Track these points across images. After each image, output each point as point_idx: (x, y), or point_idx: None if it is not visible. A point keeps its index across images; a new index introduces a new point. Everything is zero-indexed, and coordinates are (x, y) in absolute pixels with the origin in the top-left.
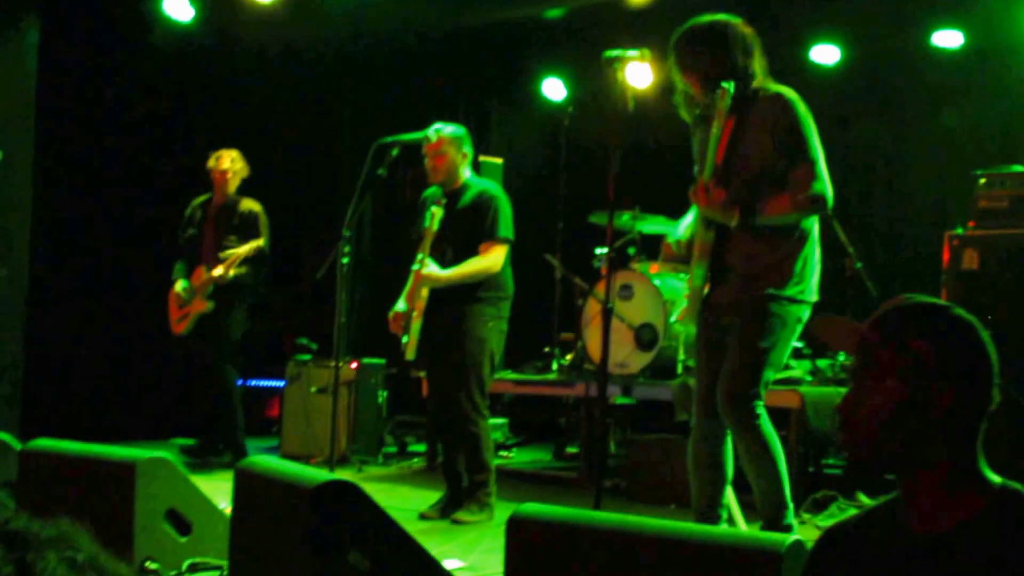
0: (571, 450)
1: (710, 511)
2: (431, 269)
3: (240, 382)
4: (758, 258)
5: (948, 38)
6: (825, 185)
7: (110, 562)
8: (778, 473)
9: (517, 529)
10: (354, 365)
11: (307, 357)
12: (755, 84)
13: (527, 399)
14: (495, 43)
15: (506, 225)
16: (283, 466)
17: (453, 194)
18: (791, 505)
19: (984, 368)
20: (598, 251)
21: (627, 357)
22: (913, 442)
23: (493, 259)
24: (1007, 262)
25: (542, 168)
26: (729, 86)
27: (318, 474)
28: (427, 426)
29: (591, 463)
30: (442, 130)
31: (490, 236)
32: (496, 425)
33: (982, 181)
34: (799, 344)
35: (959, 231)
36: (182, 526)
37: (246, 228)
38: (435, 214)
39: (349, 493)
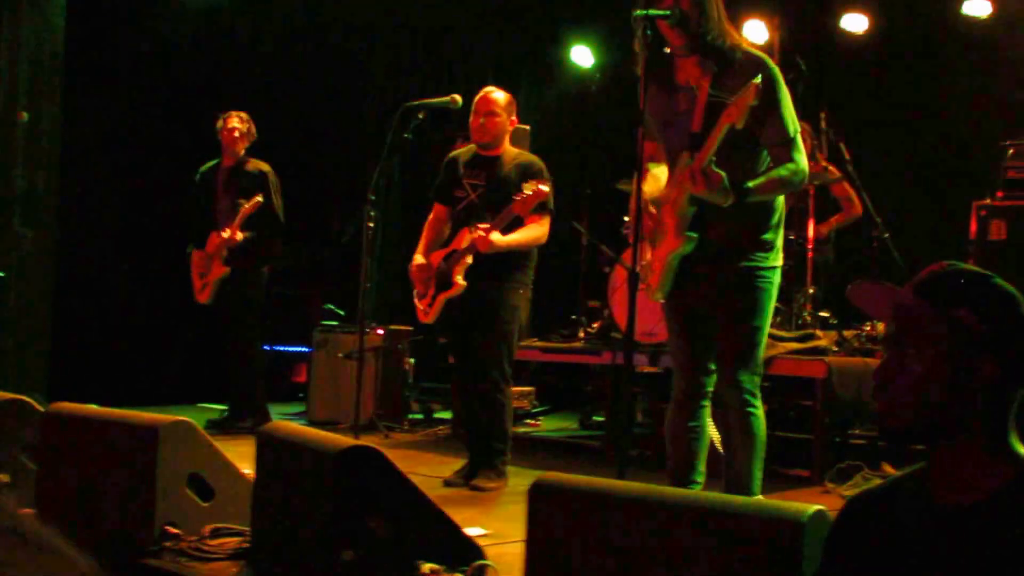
0: (597, 419)
1: (687, 477)
2: (497, 236)
3: (267, 348)
4: (739, 230)
5: (978, 7)
6: (804, 158)
7: (34, 525)
8: (756, 457)
9: (539, 496)
10: (381, 331)
11: (334, 323)
12: (730, 42)
13: (554, 367)
14: (524, 9)
15: (552, 198)
16: (306, 431)
17: (491, 160)
18: (758, 494)
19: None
20: (626, 218)
21: (655, 326)
22: (950, 412)
23: (544, 230)
24: None
25: (570, 134)
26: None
27: (341, 440)
28: (453, 393)
29: (616, 432)
30: (494, 92)
31: (542, 208)
32: (523, 393)
33: (1010, 152)
34: (825, 314)
35: (987, 201)
36: (205, 491)
37: (254, 189)
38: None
39: (372, 459)
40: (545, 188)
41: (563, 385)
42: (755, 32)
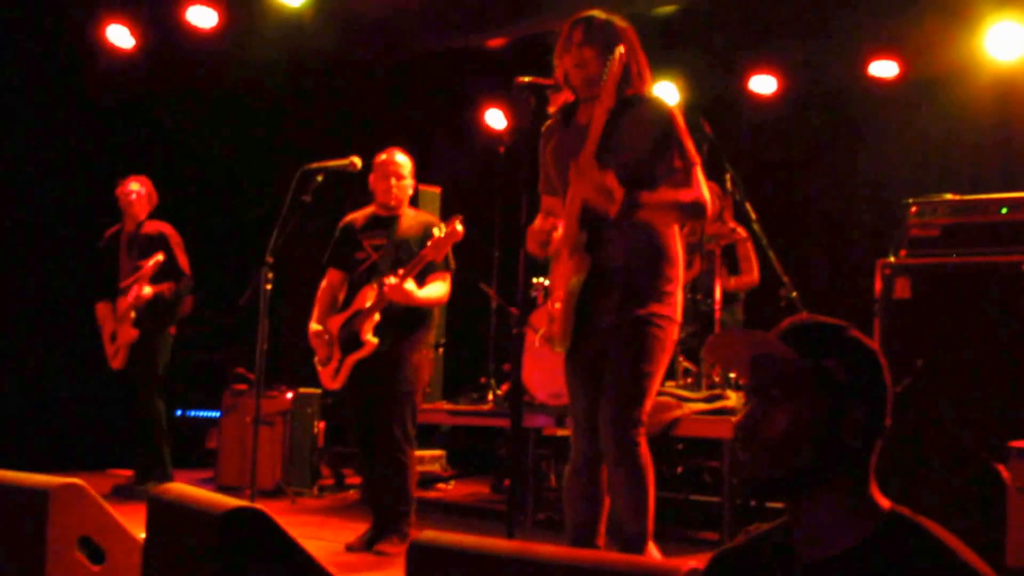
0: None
1: (587, 540)
2: (412, 285)
3: (179, 413)
4: (636, 267)
5: (884, 68)
6: (706, 191)
7: None
8: (647, 504)
9: (417, 556)
10: (289, 395)
11: (244, 387)
12: (636, 90)
13: (467, 431)
14: (438, 72)
15: (452, 257)
16: (196, 494)
17: (389, 220)
18: (649, 537)
19: (885, 391)
20: (535, 280)
21: (561, 387)
22: (817, 463)
23: (448, 288)
24: (938, 290)
25: (481, 197)
26: (618, 52)
27: (227, 501)
28: (359, 456)
29: (524, 495)
30: (396, 154)
31: (445, 267)
32: (434, 458)
33: (913, 210)
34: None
35: (891, 260)
36: (96, 554)
37: (155, 250)
38: (440, 232)
39: (258, 521)
40: (460, 227)
41: (475, 449)
42: (664, 95)
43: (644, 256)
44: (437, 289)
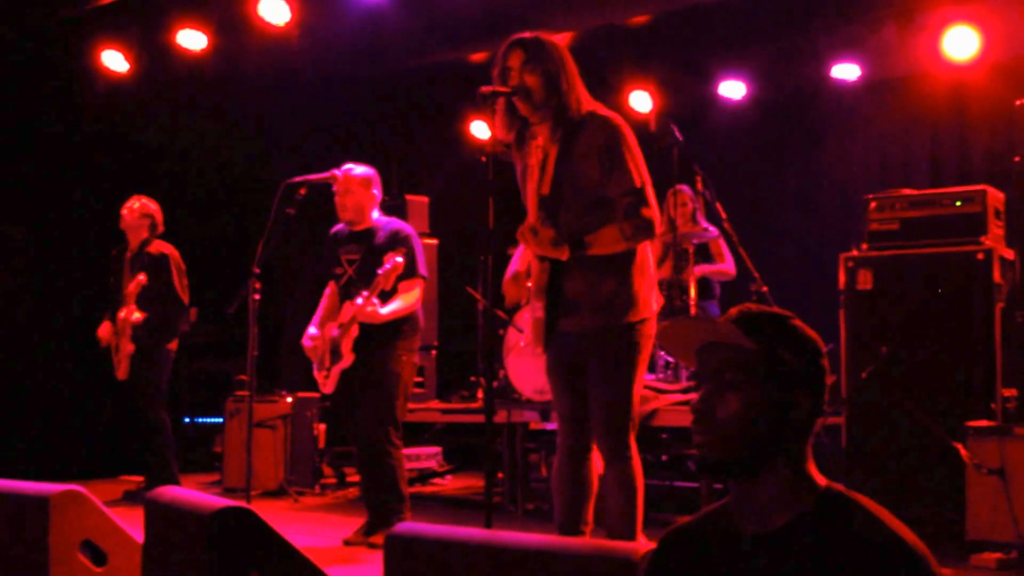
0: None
1: (574, 526)
2: (377, 307)
3: (187, 419)
4: (600, 285)
5: (845, 71)
6: (653, 210)
7: None
8: (636, 504)
9: (394, 546)
10: (290, 399)
11: (246, 393)
12: (584, 109)
13: (461, 427)
14: (423, 86)
15: (421, 263)
16: (190, 496)
17: (362, 234)
18: (639, 532)
19: (825, 377)
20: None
21: (546, 383)
22: (767, 445)
23: (416, 296)
24: (898, 281)
25: (468, 205)
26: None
27: (218, 502)
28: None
29: (515, 487)
30: (351, 170)
31: (411, 274)
32: (430, 454)
33: (873, 205)
34: None
35: (853, 253)
36: (97, 557)
37: (154, 271)
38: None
39: (247, 519)
40: (400, 259)
41: (468, 445)
42: (639, 102)
43: (605, 282)
44: (403, 301)
